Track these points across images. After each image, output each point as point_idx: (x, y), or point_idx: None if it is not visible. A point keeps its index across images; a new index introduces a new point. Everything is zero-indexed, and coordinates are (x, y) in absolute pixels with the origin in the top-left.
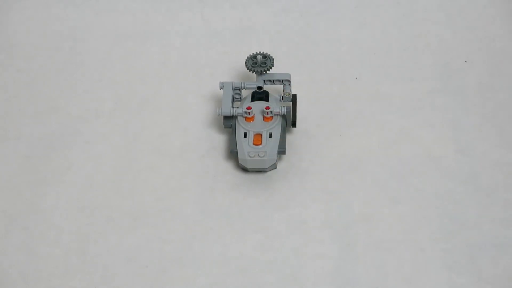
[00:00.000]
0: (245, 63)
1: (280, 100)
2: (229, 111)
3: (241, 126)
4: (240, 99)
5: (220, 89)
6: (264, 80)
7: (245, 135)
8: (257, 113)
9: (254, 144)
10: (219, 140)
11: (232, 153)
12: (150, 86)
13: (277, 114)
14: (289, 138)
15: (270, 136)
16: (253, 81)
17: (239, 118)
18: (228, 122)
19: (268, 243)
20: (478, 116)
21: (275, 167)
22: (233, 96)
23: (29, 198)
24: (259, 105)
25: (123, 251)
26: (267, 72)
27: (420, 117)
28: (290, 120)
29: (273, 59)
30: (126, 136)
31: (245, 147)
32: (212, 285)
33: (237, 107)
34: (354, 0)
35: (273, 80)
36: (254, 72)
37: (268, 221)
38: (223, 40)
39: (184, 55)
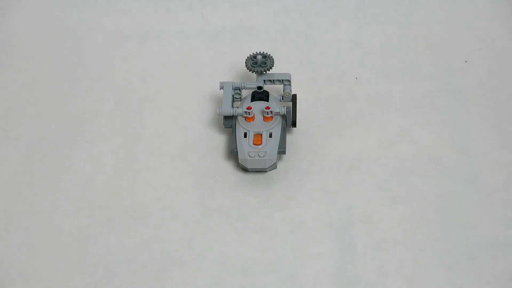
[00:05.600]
0: (245, 63)
1: (280, 100)
2: (229, 111)
3: (241, 126)
4: (240, 99)
5: (220, 89)
6: (264, 80)
7: (245, 135)
8: (257, 113)
9: (254, 144)
10: (219, 140)
11: (232, 153)
12: (150, 86)
13: (277, 114)
14: (289, 138)
15: (270, 136)
16: (253, 81)
17: (239, 118)
18: (228, 122)
19: (268, 243)
20: (478, 116)
21: (275, 167)
22: (233, 96)
23: (29, 198)
24: (259, 105)
25: (123, 251)
26: (267, 72)
27: (420, 117)
28: (290, 120)
29: (273, 59)
30: (126, 136)
31: (245, 147)
32: (212, 285)
33: (237, 107)
34: (354, 0)
35: (273, 80)
36: (254, 72)
37: (268, 221)
38: (223, 40)
39: (184, 55)
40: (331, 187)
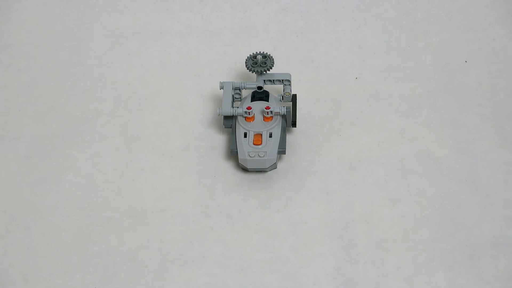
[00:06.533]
0: (245, 63)
1: (280, 100)
2: (229, 111)
3: (241, 126)
4: (240, 99)
5: (220, 89)
6: (264, 80)
7: (245, 135)
8: (257, 113)
9: (254, 144)
10: (219, 140)
11: (232, 153)
12: (150, 86)
13: (277, 114)
14: (289, 138)
15: (270, 136)
16: (253, 81)
17: (239, 118)
18: (228, 122)
19: (268, 243)
20: (478, 116)
21: (275, 167)
22: (233, 96)
23: (29, 198)
24: (259, 105)
25: (123, 251)
26: (267, 72)
27: (420, 117)
28: (290, 120)
29: (273, 59)
30: (126, 136)
31: (245, 147)
32: (212, 285)
33: (237, 107)
34: (354, 0)
35: (273, 80)
36: (254, 72)
37: (268, 221)
38: (223, 40)
39: (184, 55)
40: (331, 187)
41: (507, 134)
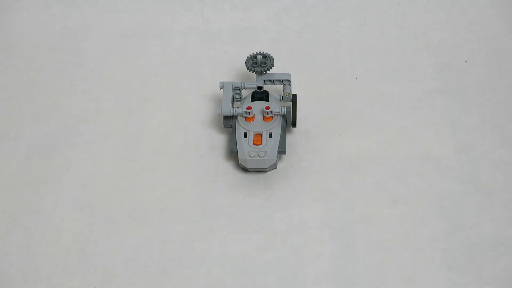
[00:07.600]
0: (245, 63)
1: (280, 100)
2: (229, 111)
3: (241, 126)
4: (240, 99)
5: (220, 89)
6: (264, 80)
7: (245, 135)
8: (257, 113)
9: (254, 144)
10: (219, 140)
11: (232, 153)
12: (150, 86)
13: (277, 114)
14: (289, 138)
15: (270, 136)
16: (253, 81)
17: (239, 118)
18: (228, 122)
19: (268, 243)
20: (478, 116)
21: (275, 167)
22: (233, 96)
23: (29, 198)
24: (259, 105)
25: (123, 251)
26: (267, 72)
27: (420, 117)
28: (290, 120)
29: (273, 59)
30: (126, 136)
31: (245, 147)
32: (212, 285)
33: (237, 107)
34: (354, 0)
35: (273, 80)
36: (254, 72)
37: (268, 221)
38: (223, 40)
39: (184, 55)
40: (331, 187)
41: (507, 134)
